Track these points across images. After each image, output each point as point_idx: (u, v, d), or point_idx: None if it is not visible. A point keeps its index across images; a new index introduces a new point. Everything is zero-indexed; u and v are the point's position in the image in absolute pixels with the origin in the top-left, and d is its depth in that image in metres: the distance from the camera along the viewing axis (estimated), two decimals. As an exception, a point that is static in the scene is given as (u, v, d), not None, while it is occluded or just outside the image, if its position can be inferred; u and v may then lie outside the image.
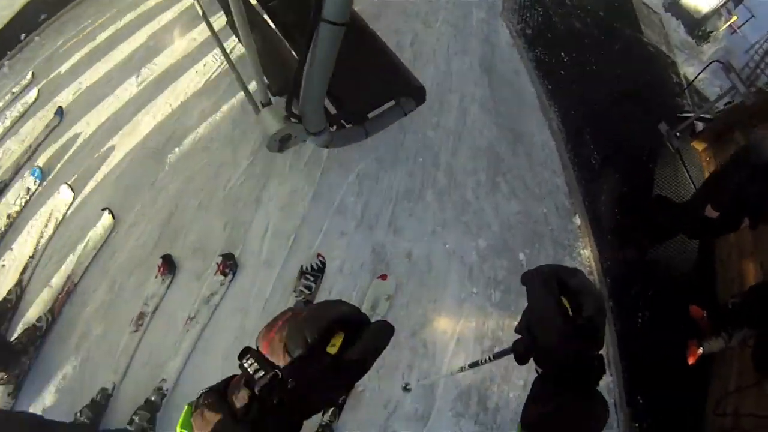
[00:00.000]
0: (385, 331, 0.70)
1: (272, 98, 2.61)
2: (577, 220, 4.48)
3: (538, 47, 5.80)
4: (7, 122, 3.77)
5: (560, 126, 5.07)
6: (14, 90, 3.96)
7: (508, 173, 4.38)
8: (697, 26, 10.17)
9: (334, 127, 2.85)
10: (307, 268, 3.33)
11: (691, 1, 10.09)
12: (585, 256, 4.25)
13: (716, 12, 10.16)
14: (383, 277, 3.46)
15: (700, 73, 6.60)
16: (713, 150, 6.03)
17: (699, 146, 6.26)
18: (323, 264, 3.39)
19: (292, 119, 2.46)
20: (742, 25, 10.88)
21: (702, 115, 6.08)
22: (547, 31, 6.19)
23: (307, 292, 3.23)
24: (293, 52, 2.64)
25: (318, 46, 1.84)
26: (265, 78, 2.45)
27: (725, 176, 3.78)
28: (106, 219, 3.30)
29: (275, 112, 2.50)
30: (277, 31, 2.96)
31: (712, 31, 10.07)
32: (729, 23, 8.41)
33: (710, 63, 6.05)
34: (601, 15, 7.54)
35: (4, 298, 2.94)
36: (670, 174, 5.49)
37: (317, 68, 1.94)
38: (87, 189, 3.45)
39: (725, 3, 10.07)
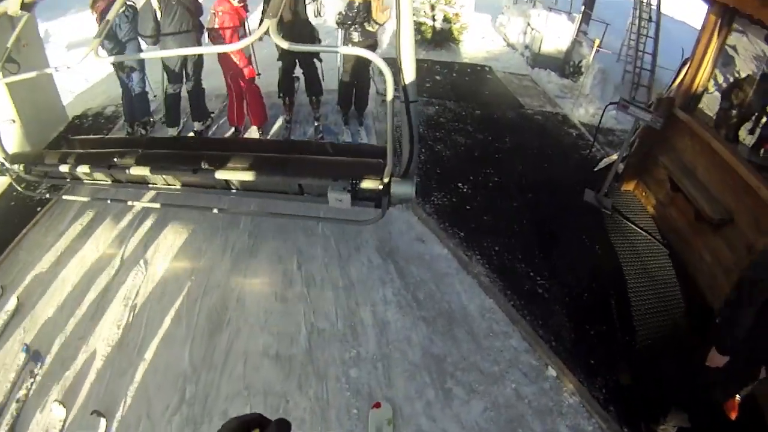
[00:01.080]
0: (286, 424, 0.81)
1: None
2: (552, 372, 3.95)
3: (432, 194, 5.51)
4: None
5: (489, 274, 4.67)
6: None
7: (456, 371, 3.84)
8: (566, 64, 10.39)
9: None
10: None
11: (549, 47, 10.34)
12: (576, 403, 3.70)
13: (575, 42, 10.39)
14: (377, 405, 3.51)
15: (599, 127, 6.55)
16: (644, 182, 5.95)
17: (629, 185, 6.16)
18: None
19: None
20: (601, 40, 11.22)
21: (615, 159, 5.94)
22: (435, 167, 6.08)
23: None
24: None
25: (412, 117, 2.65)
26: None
27: (733, 313, 2.80)
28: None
29: (403, 181, 3.03)
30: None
31: (581, 62, 10.28)
32: (595, 49, 8.54)
33: (605, 108, 5.91)
34: (478, 114, 7.66)
35: None
36: (621, 239, 5.27)
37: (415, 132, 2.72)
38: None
39: (578, 30, 10.32)
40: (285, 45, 2.54)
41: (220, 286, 4.32)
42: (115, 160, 3.81)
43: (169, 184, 3.99)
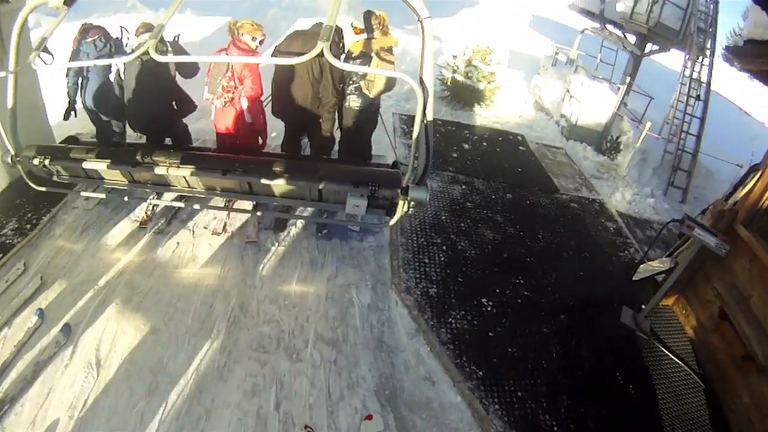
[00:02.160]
0: None
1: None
2: None
3: (449, 312, 4.71)
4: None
5: (508, 418, 3.82)
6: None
7: None
8: (603, 139, 9.61)
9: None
10: None
11: (587, 118, 9.58)
12: None
13: (615, 116, 9.62)
14: (369, 417, 3.62)
15: (650, 247, 5.79)
16: (686, 298, 5.29)
17: (669, 300, 5.46)
18: None
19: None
20: (643, 115, 10.48)
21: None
22: (457, 274, 5.25)
23: None
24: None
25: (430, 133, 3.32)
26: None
27: None
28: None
29: (419, 187, 3.59)
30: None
31: (619, 137, 9.49)
32: (644, 134, 7.77)
33: (664, 227, 5.11)
34: (509, 198, 6.90)
35: None
36: (657, 369, 4.61)
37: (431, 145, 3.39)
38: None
39: (620, 103, 9.54)
40: (338, 63, 2.99)
41: (178, 417, 3.48)
42: (138, 158, 4.24)
43: (190, 186, 4.60)
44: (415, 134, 3.31)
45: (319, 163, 4.54)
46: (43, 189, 4.57)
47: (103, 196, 4.82)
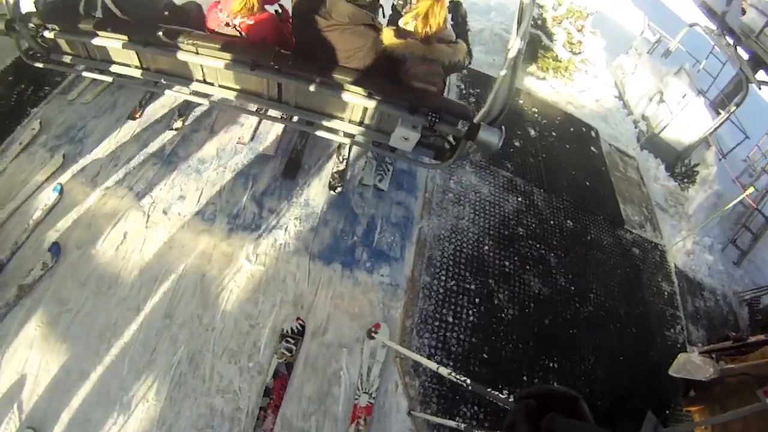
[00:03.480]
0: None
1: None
2: None
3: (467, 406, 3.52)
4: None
5: None
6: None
7: None
8: (679, 160, 7.97)
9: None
10: (287, 331, 3.46)
11: (672, 133, 7.85)
12: None
13: (702, 140, 7.92)
14: (377, 326, 3.57)
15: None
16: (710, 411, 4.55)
17: (693, 406, 4.78)
18: (303, 327, 3.50)
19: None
20: (730, 150, 8.86)
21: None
22: (484, 343, 4.01)
23: (288, 354, 3.36)
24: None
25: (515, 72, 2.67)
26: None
27: None
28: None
29: (491, 128, 2.98)
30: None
31: (697, 165, 7.86)
32: (742, 197, 6.22)
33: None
34: (569, 228, 5.51)
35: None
36: None
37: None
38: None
39: (714, 129, 7.78)
40: None
41: None
42: (161, 35, 3.41)
43: (221, 85, 3.76)
44: (506, 63, 2.64)
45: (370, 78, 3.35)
46: (39, 65, 4.05)
47: (109, 79, 4.05)
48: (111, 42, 3.61)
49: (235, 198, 4.24)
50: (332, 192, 4.46)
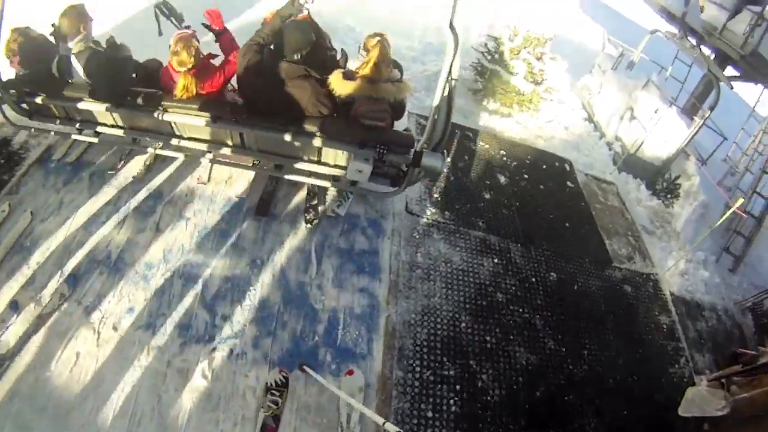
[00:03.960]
0: None
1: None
2: None
3: None
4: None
5: None
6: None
7: None
8: (660, 176, 7.82)
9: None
10: (271, 384, 3.53)
11: (649, 150, 7.72)
12: None
13: (680, 151, 7.76)
14: (350, 372, 3.61)
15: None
16: None
17: None
18: (286, 378, 3.56)
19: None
20: (708, 157, 8.70)
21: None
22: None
23: (275, 407, 3.43)
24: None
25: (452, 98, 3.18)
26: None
27: None
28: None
29: (433, 153, 3.52)
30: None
31: (678, 178, 7.70)
32: (731, 211, 6.01)
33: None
34: (552, 281, 5.27)
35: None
36: None
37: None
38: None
39: (690, 138, 7.61)
40: None
41: None
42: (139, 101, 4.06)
43: (192, 138, 4.42)
44: (438, 93, 3.15)
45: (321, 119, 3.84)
46: (23, 126, 4.66)
47: (95, 140, 4.66)
48: (89, 105, 4.17)
49: (185, 306, 4.03)
50: (308, 226, 4.54)
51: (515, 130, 7.54)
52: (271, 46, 3.79)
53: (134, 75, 4.35)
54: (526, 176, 6.48)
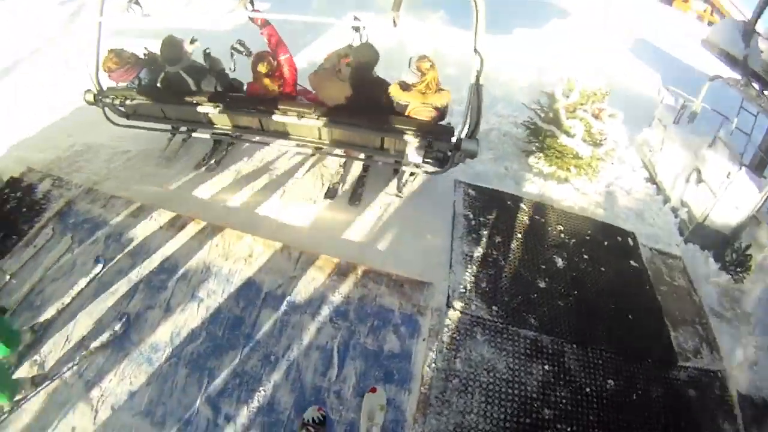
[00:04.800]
0: None
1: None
2: None
3: None
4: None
5: None
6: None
7: None
8: (729, 246, 7.21)
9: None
10: (309, 420, 3.66)
11: (718, 217, 7.14)
12: None
13: (752, 218, 7.16)
14: (373, 390, 3.82)
15: None
16: None
17: None
18: (324, 417, 3.70)
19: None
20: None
21: None
22: None
23: None
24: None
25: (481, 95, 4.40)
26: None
27: None
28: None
29: (470, 140, 4.66)
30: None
31: (748, 247, 7.08)
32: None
33: None
34: (610, 388, 4.84)
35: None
36: None
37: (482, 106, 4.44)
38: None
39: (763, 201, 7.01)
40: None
41: None
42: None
43: (262, 129, 5.85)
44: (469, 97, 4.41)
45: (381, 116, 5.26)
46: (121, 125, 6.01)
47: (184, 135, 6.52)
48: (205, 108, 5.53)
49: (187, 398, 3.92)
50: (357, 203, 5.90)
51: (573, 198, 7.10)
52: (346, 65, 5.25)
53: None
54: (585, 256, 6.06)
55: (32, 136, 7.35)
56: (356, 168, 6.39)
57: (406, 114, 5.14)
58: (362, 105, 5.20)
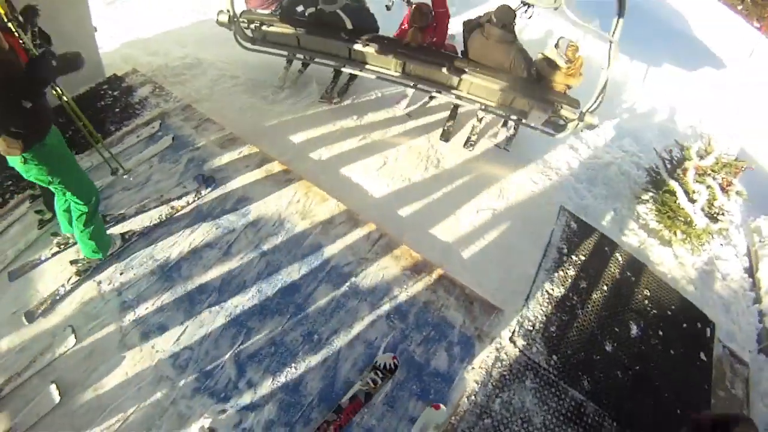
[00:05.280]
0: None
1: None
2: None
3: None
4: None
5: None
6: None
7: None
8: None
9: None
10: (380, 364, 3.80)
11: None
12: None
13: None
14: (436, 406, 3.73)
15: None
16: None
17: None
18: (396, 367, 3.85)
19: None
20: None
21: None
22: None
23: (372, 385, 3.70)
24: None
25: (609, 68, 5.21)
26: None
27: None
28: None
29: (592, 114, 5.53)
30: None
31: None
32: None
33: None
34: None
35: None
36: None
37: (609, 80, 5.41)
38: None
39: None
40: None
41: None
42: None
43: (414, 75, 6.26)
44: (602, 76, 5.18)
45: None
46: (250, 48, 6.30)
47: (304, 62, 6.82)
48: (360, 47, 5.99)
49: (216, 351, 3.87)
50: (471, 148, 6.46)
51: (669, 265, 6.65)
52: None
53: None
54: (660, 332, 5.72)
55: (145, 38, 7.23)
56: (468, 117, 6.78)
57: (545, 83, 5.97)
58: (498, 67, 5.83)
